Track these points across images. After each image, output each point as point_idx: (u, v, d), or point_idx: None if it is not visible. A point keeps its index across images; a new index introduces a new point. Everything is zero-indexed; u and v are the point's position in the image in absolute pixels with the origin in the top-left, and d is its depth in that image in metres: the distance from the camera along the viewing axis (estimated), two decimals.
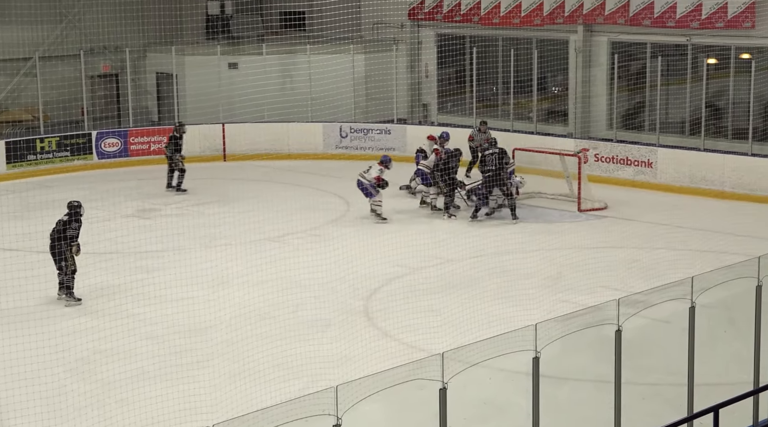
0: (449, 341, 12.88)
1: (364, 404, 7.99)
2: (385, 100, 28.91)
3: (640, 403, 11.26)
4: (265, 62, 28.75)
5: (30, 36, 28.10)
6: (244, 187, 23.76)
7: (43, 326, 15.20)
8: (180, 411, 11.91)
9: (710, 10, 24.29)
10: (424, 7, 29.10)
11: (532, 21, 27.15)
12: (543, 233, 20.70)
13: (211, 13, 31.37)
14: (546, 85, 27.83)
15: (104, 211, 22.53)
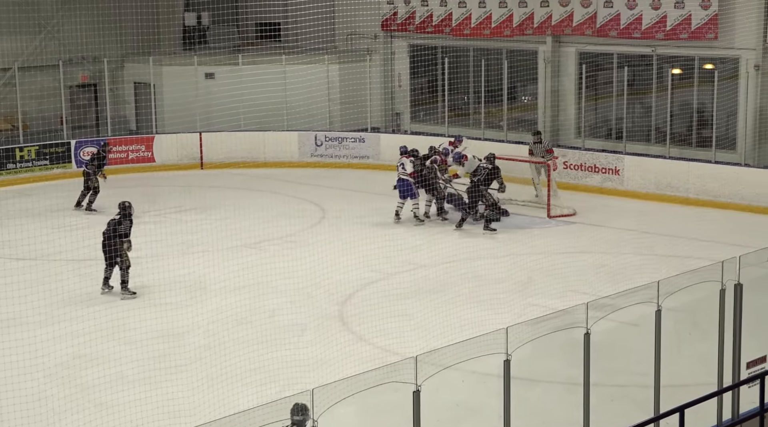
0: (422, 345, 12.90)
1: (339, 407, 7.99)
2: (359, 110, 28.91)
3: (609, 404, 11.31)
4: (242, 72, 28.70)
5: (9, 46, 27.97)
6: (222, 195, 23.71)
7: (22, 332, 15.12)
8: (159, 414, 11.89)
9: (674, 21, 24.42)
10: (396, 18, 29.14)
11: (502, 32, 27.21)
12: (513, 238, 20.75)
13: (188, 24, 31.32)
14: (516, 95, 27.91)
15: (85, 219, 22.44)
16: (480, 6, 27.51)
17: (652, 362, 10.33)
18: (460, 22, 27.93)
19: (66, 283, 17.73)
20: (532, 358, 10.03)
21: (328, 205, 23.15)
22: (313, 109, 28.61)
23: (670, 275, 10.94)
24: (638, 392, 11.50)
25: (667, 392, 10.30)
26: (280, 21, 30.40)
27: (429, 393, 8.54)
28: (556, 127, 26.64)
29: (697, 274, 10.75)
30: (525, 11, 26.80)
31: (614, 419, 10.46)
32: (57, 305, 16.57)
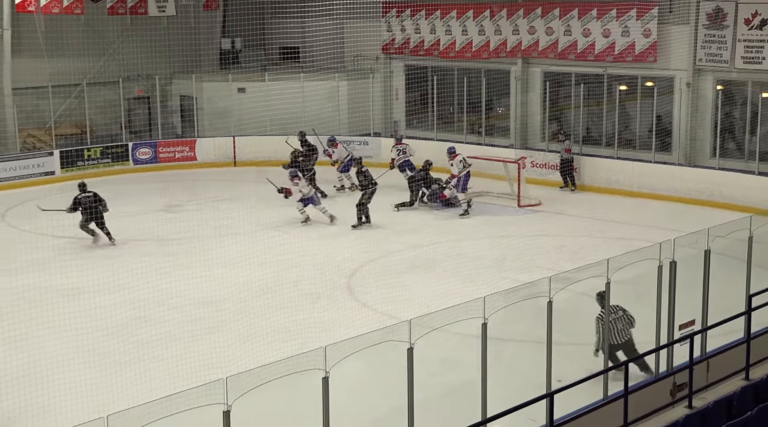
0: (415, 310, 12.87)
1: (347, 361, 7.98)
2: (364, 117, 28.86)
3: (568, 359, 11.30)
4: (268, 87, 28.63)
5: (79, 66, 27.89)
6: (250, 188, 23.62)
7: (87, 299, 15.13)
8: (199, 367, 11.89)
9: (621, 47, 24.38)
10: (394, 43, 29.06)
11: (481, 55, 27.17)
12: (489, 224, 20.73)
13: (224, 48, 31.24)
14: (492, 106, 27.83)
15: (138, 206, 22.41)
16: (463, 34, 27.46)
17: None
18: (446, 46, 27.86)
19: (122, 259, 17.75)
20: (504, 322, 10.03)
21: (337, 197, 23.11)
22: (326, 117, 28.55)
23: (618, 254, 10.93)
24: (591, 350, 11.52)
25: None
26: (299, 45, 30.30)
27: (420, 350, 8.53)
28: (525, 133, 26.60)
29: (640, 253, 10.74)
30: (500, 38, 26.74)
31: (572, 371, 10.45)
32: (115, 277, 16.56)
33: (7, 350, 12.73)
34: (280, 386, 7.56)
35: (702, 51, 23.07)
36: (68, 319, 13.69)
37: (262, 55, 31.28)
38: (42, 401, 11.22)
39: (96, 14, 27.91)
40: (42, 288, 15.72)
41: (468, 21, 27.30)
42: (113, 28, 28.70)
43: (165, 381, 11.25)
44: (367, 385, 11.18)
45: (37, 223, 20.26)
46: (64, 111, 27.82)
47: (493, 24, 26.82)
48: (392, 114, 29.60)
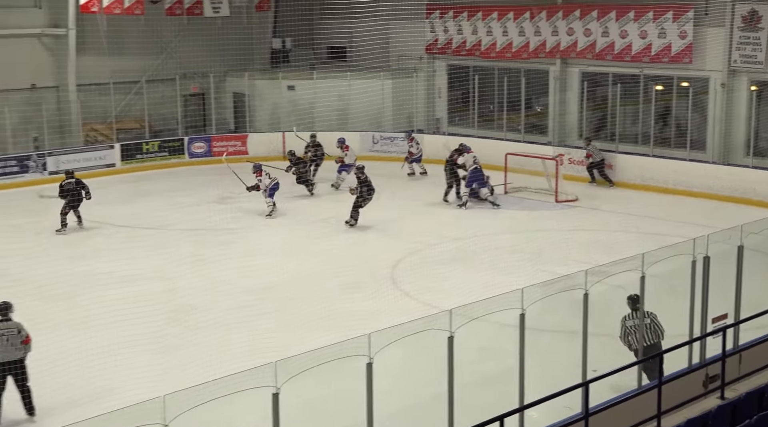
0: (456, 301, 12.75)
1: (390, 349, 7.97)
2: (407, 115, 28.83)
3: (602, 349, 11.19)
4: (316, 85, 28.71)
5: (139, 64, 28.19)
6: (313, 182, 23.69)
7: (144, 285, 15.29)
8: (248, 351, 11.94)
9: (658, 48, 24.07)
10: (437, 43, 28.97)
11: (521, 55, 26.99)
12: (527, 218, 20.60)
13: (275, 47, 31.36)
14: (531, 105, 27.65)
15: (192, 198, 22.60)
16: (503, 35, 27.29)
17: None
18: (487, 47, 27.72)
19: (177, 248, 17.89)
20: (541, 313, 9.96)
21: (382, 190, 23.10)
22: (371, 114, 28.56)
23: (652, 249, 10.80)
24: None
25: None
26: (346, 45, 30.33)
27: (460, 339, 8.51)
28: (563, 131, 26.38)
29: (674, 248, 10.61)
30: (539, 39, 26.54)
31: (606, 361, 10.34)
32: (171, 264, 16.73)
33: (72, 333, 12.90)
34: (326, 371, 7.57)
35: (737, 52, 22.71)
36: (127, 304, 13.86)
37: (311, 55, 31.36)
38: (105, 382, 11.36)
39: (155, 15, 28.15)
40: (102, 274, 15.92)
41: (509, 22, 27.14)
42: (171, 28, 28.93)
43: (217, 364, 11.33)
44: (408, 371, 11.17)
45: (99, 212, 20.54)
46: (124, 106, 28.13)
47: (533, 25, 26.63)
48: (434, 111, 29.53)
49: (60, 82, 26.95)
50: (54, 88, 26.96)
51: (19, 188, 23.66)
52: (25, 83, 26.28)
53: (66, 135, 26.81)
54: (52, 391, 10.88)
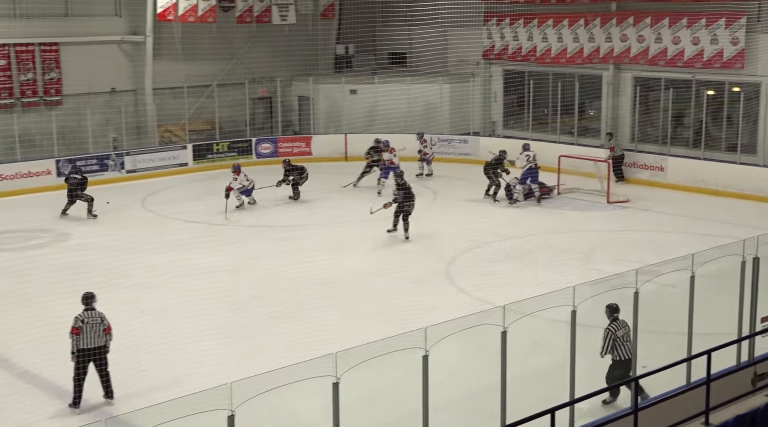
0: (509, 297, 12.71)
1: (444, 342, 7.96)
2: (464, 118, 28.72)
3: (652, 346, 11.04)
4: (377, 89, 28.77)
5: (210, 69, 28.55)
6: (361, 181, 23.80)
7: (212, 277, 15.47)
8: (310, 342, 12.00)
9: (710, 54, 23.60)
10: (494, 49, 28.79)
11: (575, 61, 26.71)
12: (579, 218, 20.39)
13: (338, 53, 31.49)
14: (584, 109, 27.34)
15: (259, 196, 22.79)
16: (558, 41, 27.03)
17: (686, 315, 10.05)
18: (542, 53, 27.48)
19: (245, 243, 18.08)
20: (592, 309, 9.85)
21: (438, 190, 23.08)
22: (429, 117, 28.52)
23: (702, 249, 10.61)
24: (675, 338, 11.19)
25: (698, 339, 10.02)
26: (406, 51, 30.33)
27: (513, 334, 8.46)
28: (615, 134, 26.03)
29: (724, 249, 10.42)
30: (593, 45, 26.23)
31: (656, 357, 10.19)
32: (239, 258, 16.90)
33: (146, 323, 13.13)
34: (384, 362, 7.59)
35: None
36: (198, 295, 14.05)
37: (373, 60, 31.43)
38: (176, 369, 11.53)
39: (226, 22, 28.47)
40: (176, 267, 16.16)
41: (563, 29, 26.87)
42: (241, 35, 29.24)
43: (280, 354, 11.43)
44: (462, 364, 11.14)
45: (172, 208, 20.88)
46: (196, 109, 28.52)
47: (587, 32, 26.33)
48: (491, 115, 29.37)
49: (137, 86, 27.43)
50: (132, 91, 27.45)
51: (98, 186, 24.13)
52: (105, 87, 26.81)
53: (142, 136, 27.29)
54: (128, 377, 11.08)
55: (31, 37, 25.34)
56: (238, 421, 6.84)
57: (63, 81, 26.03)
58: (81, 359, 10.55)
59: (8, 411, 10.42)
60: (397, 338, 7.84)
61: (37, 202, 20.77)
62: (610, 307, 10.15)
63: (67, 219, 20.01)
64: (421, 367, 7.87)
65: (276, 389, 6.91)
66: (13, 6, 25.08)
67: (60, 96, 26.03)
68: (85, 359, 10.56)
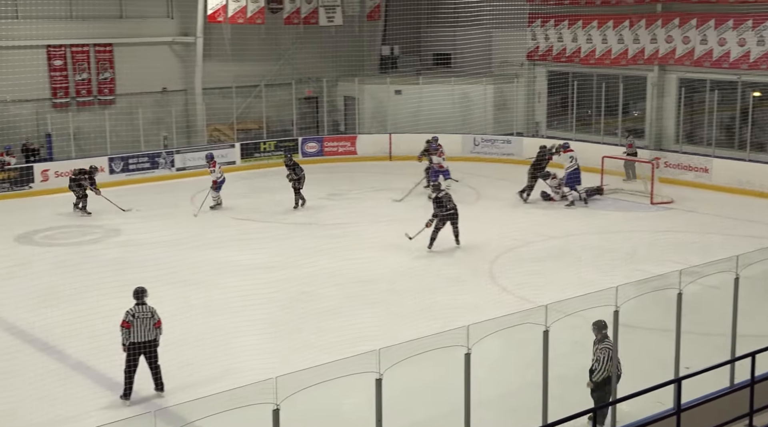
0: (551, 296, 12.65)
1: (487, 340, 7.93)
2: (507, 119, 28.58)
3: (695, 348, 10.87)
4: (421, 90, 28.75)
5: (258, 69, 28.77)
6: (405, 179, 23.83)
7: (263, 273, 15.58)
8: (355, 338, 12.03)
9: (756, 55, 23.18)
10: (538, 50, 28.61)
11: (619, 62, 26.42)
12: (623, 219, 20.16)
13: (384, 54, 31.55)
14: (629, 110, 27.05)
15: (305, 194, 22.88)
16: (603, 42, 26.77)
17: (730, 317, 9.89)
18: (587, 54, 27.23)
19: (291, 240, 18.17)
20: (635, 310, 9.73)
21: (482, 190, 22.98)
22: (473, 118, 28.43)
23: (746, 251, 10.43)
24: (718, 340, 11.03)
25: (741, 341, 9.86)
26: (450, 52, 30.27)
27: (555, 333, 8.40)
28: (660, 135, 25.71)
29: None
30: (638, 46, 25.92)
31: (699, 359, 10.04)
32: (285, 255, 17.00)
33: (196, 317, 13.27)
34: (427, 359, 7.59)
35: None
36: (246, 291, 14.16)
37: (417, 61, 31.41)
38: (223, 363, 11.65)
39: (274, 24, 28.66)
40: (224, 263, 16.31)
41: (608, 30, 26.59)
42: (289, 36, 29.42)
43: (325, 350, 11.48)
44: (504, 362, 11.09)
45: (221, 206, 21.05)
46: (244, 109, 28.76)
47: (632, 33, 26.02)
48: (534, 115, 29.19)
49: (188, 86, 27.74)
50: (182, 91, 27.77)
51: (149, 183, 24.47)
52: (156, 87, 27.16)
53: (192, 135, 27.59)
54: (176, 370, 11.21)
55: (87, 38, 25.77)
56: (282, 415, 6.88)
57: (116, 81, 26.42)
58: (132, 352, 10.70)
59: (62, 401, 10.60)
60: (440, 336, 7.83)
61: (90, 198, 21.08)
62: (598, 324, 9.51)
63: (119, 215, 20.29)
64: (463, 364, 7.85)
65: (320, 384, 6.94)
66: (70, 8, 25.52)
67: (113, 95, 26.43)
68: (135, 352, 10.71)
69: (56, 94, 25.51)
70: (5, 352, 12.17)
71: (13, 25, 24.20)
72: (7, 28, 23.92)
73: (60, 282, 14.94)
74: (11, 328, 13.17)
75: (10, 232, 19.00)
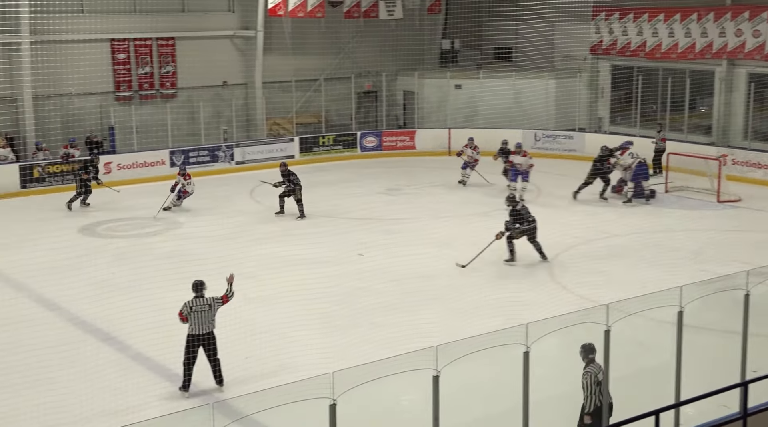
0: (612, 296, 12.48)
1: (546, 339, 7.85)
2: (569, 114, 28.26)
3: (763, 349, 10.62)
4: (482, 84, 28.59)
5: (318, 63, 28.94)
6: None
7: (317, 268, 15.65)
8: (412, 334, 12.02)
9: None
10: (602, 44, 28.22)
11: (686, 56, 25.92)
12: (688, 217, 19.77)
13: (444, 48, 31.46)
14: (695, 105, 26.53)
15: (363, 188, 22.99)
16: (669, 36, 26.30)
17: None
18: (652, 48, 26.77)
19: (348, 235, 18.22)
20: (700, 311, 9.55)
21: (543, 186, 22.76)
22: (534, 113, 28.18)
23: None
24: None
25: None
26: (512, 46, 30.04)
27: (616, 333, 8.27)
28: (728, 131, 25.16)
29: None
30: (706, 40, 25.39)
31: (766, 361, 9.81)
32: (342, 250, 17.06)
33: (252, 311, 13.40)
34: (485, 357, 7.54)
35: None
36: (302, 285, 14.25)
37: (478, 55, 31.24)
38: (280, 357, 11.75)
39: (334, 17, 28.79)
40: (280, 257, 16.44)
41: (675, 24, 26.11)
42: (348, 29, 29.52)
43: (382, 345, 11.50)
44: (563, 361, 10.96)
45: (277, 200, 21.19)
46: (304, 103, 28.95)
47: (700, 27, 25.51)
48: (597, 111, 28.81)
49: (248, 80, 28.03)
50: (242, 85, 28.08)
51: (209, 176, 24.79)
52: (217, 81, 27.51)
53: (251, 128, 27.88)
54: (234, 363, 11.34)
55: (150, 32, 26.21)
56: (339, 410, 6.91)
57: (178, 74, 26.83)
58: (190, 345, 10.86)
59: (122, 391, 10.81)
60: (498, 334, 7.78)
61: (152, 191, 21.48)
62: (585, 347, 8.82)
63: (177, 209, 20.60)
64: (522, 363, 7.79)
65: (377, 380, 6.95)
66: (133, 2, 25.99)
67: (175, 89, 26.85)
68: (194, 344, 10.86)
69: (119, 87, 26.01)
70: (67, 342, 12.45)
71: (79, 19, 24.75)
72: (73, 22, 24.46)
73: (120, 274, 15.24)
74: (73, 318, 13.48)
75: (73, 223, 19.44)
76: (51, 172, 22.96)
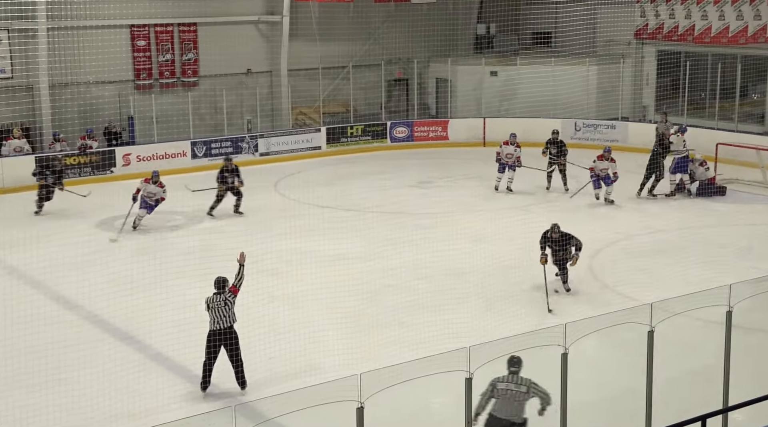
0: (657, 294, 12.37)
1: (586, 339, 7.81)
2: (611, 102, 28.04)
3: None
4: (519, 71, 28.46)
5: (346, 50, 28.95)
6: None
7: (345, 265, 15.68)
8: (444, 334, 12.03)
9: None
10: (647, 28, 27.96)
11: (737, 41, 25.60)
12: (738, 211, 19.54)
13: (479, 33, 31.34)
14: (747, 93, 26.20)
15: (393, 181, 22.98)
16: (719, 19, 25.99)
17: None
18: (701, 32, 26.48)
19: (376, 230, 18.23)
20: (750, 311, 9.44)
21: (583, 178, 22.61)
22: (574, 101, 28.00)
23: None
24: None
25: None
26: (551, 30, 29.86)
27: (661, 333, 8.21)
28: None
29: None
30: (759, 23, 25.07)
31: None
32: (372, 246, 17.07)
33: (278, 309, 13.46)
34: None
35: None
36: (329, 283, 14.28)
37: (515, 40, 31.08)
38: (306, 357, 11.79)
39: (364, 2, 28.78)
40: (306, 253, 16.49)
41: (726, 6, 25.80)
42: (378, 14, 29.51)
43: (411, 346, 11.49)
44: (604, 363, 10.91)
45: (304, 192, 21.28)
46: (331, 91, 28.99)
47: (753, 9, 25.18)
48: (641, 99, 28.57)
49: (273, 67, 28.12)
50: (267, 73, 28.17)
51: None
52: (241, 68, 27.63)
53: (276, 118, 27.97)
54: (257, 364, 11.40)
55: (171, 17, 26.37)
56: (366, 413, 6.91)
57: (200, 62, 26.98)
58: (210, 341, 10.92)
59: (140, 393, 10.90)
60: (535, 334, 7.75)
61: (173, 183, 21.59)
62: (511, 360, 8.20)
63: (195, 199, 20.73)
64: (560, 365, 7.75)
65: (406, 382, 6.94)
66: None
67: (197, 77, 27.00)
68: (214, 340, 10.92)
69: (139, 75, 26.21)
70: (85, 341, 12.59)
71: (97, 3, 24.84)
72: (91, 7, 24.58)
73: (139, 270, 15.34)
74: (91, 316, 13.61)
75: (90, 218, 19.62)
76: (68, 165, 23.17)
